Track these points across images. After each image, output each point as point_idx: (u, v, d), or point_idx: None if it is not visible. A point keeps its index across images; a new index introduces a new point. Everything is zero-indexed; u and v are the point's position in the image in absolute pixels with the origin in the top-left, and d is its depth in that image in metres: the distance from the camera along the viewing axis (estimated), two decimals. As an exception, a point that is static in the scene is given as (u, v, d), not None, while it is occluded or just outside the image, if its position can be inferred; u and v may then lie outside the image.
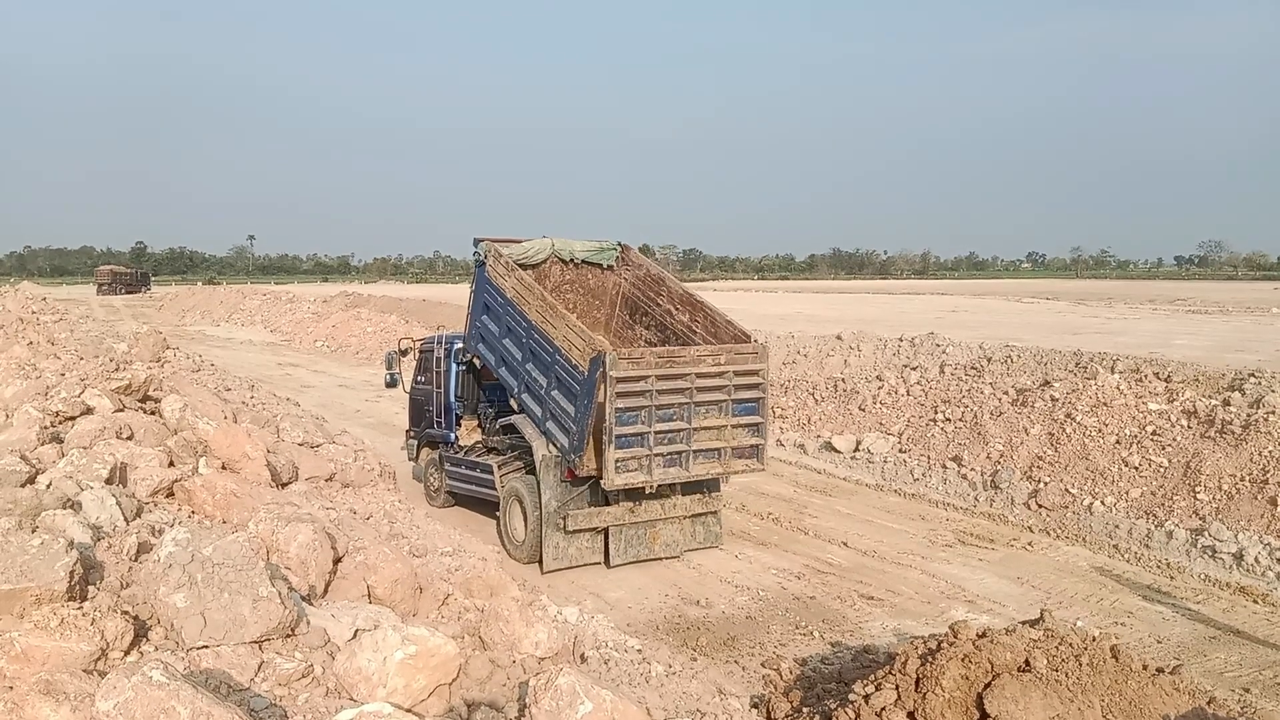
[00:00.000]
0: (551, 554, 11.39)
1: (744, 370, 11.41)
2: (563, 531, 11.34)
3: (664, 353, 11.20)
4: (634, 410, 10.72)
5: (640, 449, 10.85)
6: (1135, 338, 24.93)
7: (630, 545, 11.63)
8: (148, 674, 4.30)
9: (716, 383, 11.21)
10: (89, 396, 11.03)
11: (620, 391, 10.54)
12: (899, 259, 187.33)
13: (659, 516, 11.72)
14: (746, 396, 11.50)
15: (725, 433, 11.38)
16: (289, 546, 7.07)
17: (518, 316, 12.13)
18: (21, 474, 7.81)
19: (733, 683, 8.37)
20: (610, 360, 10.46)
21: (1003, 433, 15.64)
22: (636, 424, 10.77)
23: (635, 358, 10.81)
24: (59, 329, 30.12)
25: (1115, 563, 11.99)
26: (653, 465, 10.95)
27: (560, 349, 11.24)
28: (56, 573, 5.26)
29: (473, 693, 6.00)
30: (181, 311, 67.23)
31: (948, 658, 6.06)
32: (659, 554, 11.82)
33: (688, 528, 12.09)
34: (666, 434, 11.00)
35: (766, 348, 11.96)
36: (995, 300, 52.55)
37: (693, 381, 11.01)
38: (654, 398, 10.79)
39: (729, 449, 11.43)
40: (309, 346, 41.79)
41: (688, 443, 11.13)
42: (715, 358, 11.26)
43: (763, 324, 28.65)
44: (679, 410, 11.02)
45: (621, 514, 11.52)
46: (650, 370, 10.74)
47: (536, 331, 11.75)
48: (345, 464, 13.58)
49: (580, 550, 11.52)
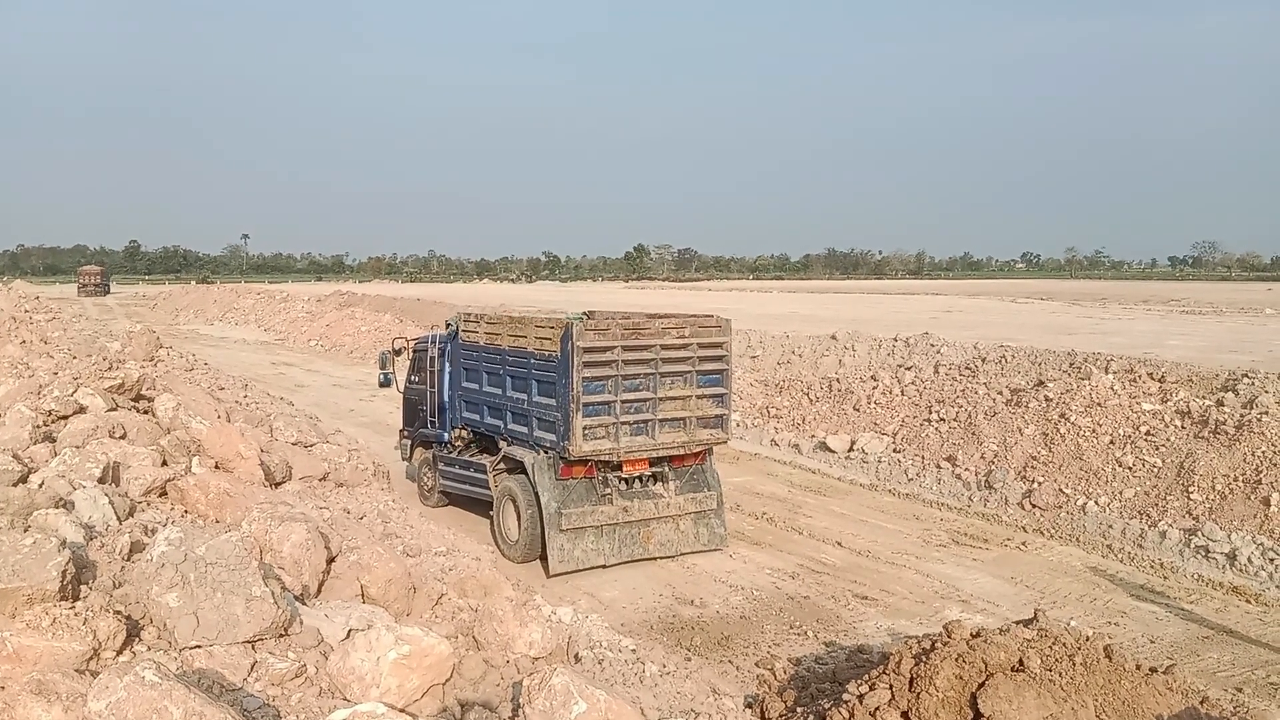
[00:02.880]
0: (557, 556, 11.36)
1: (708, 343, 11.78)
2: (566, 533, 11.35)
3: (629, 324, 11.62)
4: (600, 380, 11.07)
5: (607, 417, 11.16)
6: (1129, 338, 24.97)
7: (624, 545, 11.67)
8: (140, 674, 4.28)
9: (681, 354, 11.56)
10: (82, 395, 11.01)
11: (587, 361, 10.92)
12: (894, 259, 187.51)
13: (652, 515, 11.79)
14: (711, 368, 11.82)
15: (690, 403, 11.67)
16: (282, 546, 7.06)
17: (494, 354, 12.64)
18: (14, 473, 7.79)
19: (727, 683, 8.37)
20: (577, 331, 10.91)
21: (997, 433, 15.67)
22: (603, 393, 11.11)
23: (601, 329, 11.24)
24: (52, 328, 30.05)
25: (1109, 563, 12.01)
26: (619, 434, 11.25)
27: (534, 352, 11.68)
28: (49, 572, 5.24)
29: (466, 693, 5.99)
30: (175, 310, 67.11)
31: (942, 657, 6.05)
32: (653, 554, 11.85)
33: (688, 529, 12.07)
34: (633, 404, 11.32)
35: (730, 322, 12.23)
36: (989, 300, 52.57)
37: (658, 353, 11.37)
38: (620, 368, 11.15)
39: (694, 419, 11.71)
40: (303, 346, 41.74)
41: (654, 412, 11.43)
42: (680, 330, 11.65)
43: (758, 324, 28.68)
44: (645, 381, 11.36)
45: (615, 513, 11.57)
46: (616, 341, 11.14)
47: (512, 355, 12.22)
48: (339, 463, 13.56)
49: (586, 553, 11.49)
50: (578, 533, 11.41)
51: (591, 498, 11.56)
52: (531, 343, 11.77)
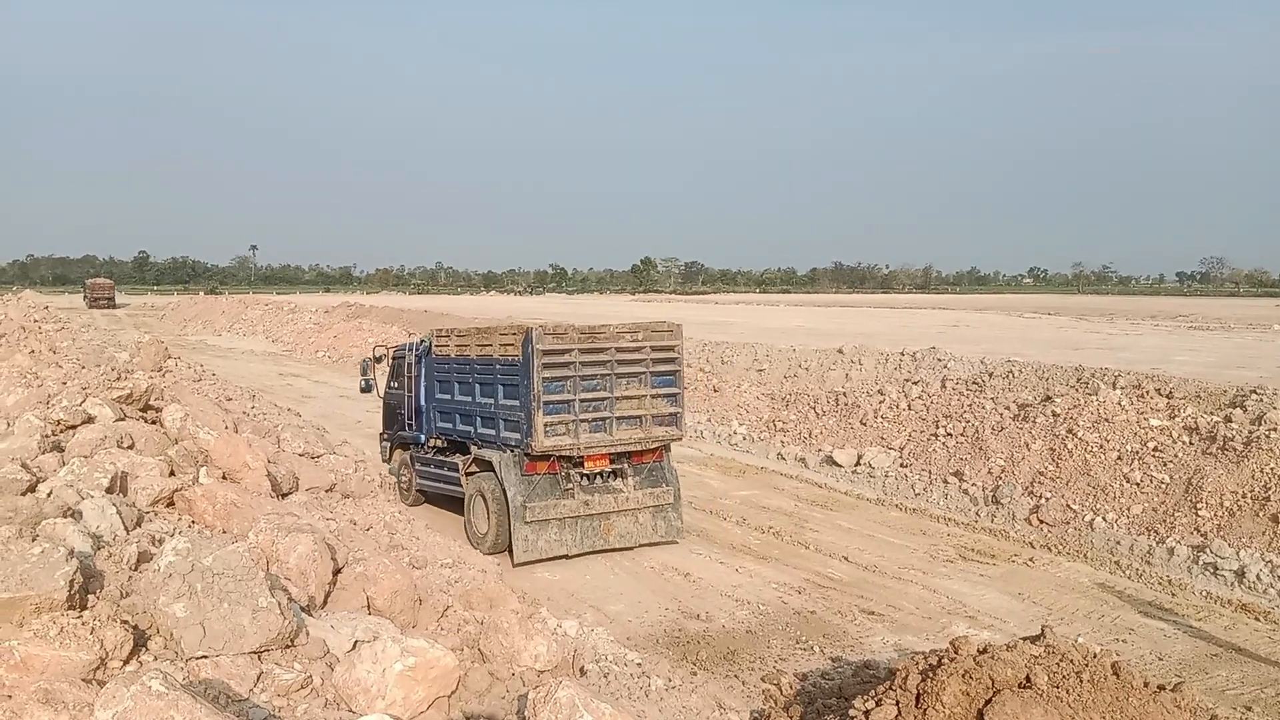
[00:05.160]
0: (521, 547, 12.02)
1: (660, 346, 12.65)
2: (531, 525, 12.03)
3: (586, 330, 12.40)
4: (560, 380, 11.89)
5: (566, 415, 11.95)
6: (1137, 353, 24.89)
7: (586, 536, 12.37)
8: (147, 683, 4.29)
9: (635, 357, 12.43)
10: (90, 405, 11.05)
11: (546, 363, 11.76)
12: (901, 273, 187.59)
13: (612, 509, 12.51)
14: (664, 370, 12.69)
15: (645, 402, 12.53)
16: (289, 557, 7.07)
17: (464, 365, 13.45)
18: (22, 482, 7.82)
19: (732, 697, 8.34)
20: (536, 335, 11.79)
21: (1004, 448, 15.63)
22: (562, 392, 11.92)
23: (559, 333, 12.11)
24: (61, 337, 30.16)
25: (1116, 579, 11.96)
26: (579, 431, 12.04)
27: (499, 358, 12.52)
28: (56, 581, 5.26)
29: (472, 705, 5.98)
30: (183, 321, 67.32)
31: (948, 674, 6.03)
32: (614, 544, 12.52)
33: (646, 522, 12.81)
34: (591, 402, 12.13)
35: (680, 327, 13.12)
36: (997, 315, 52.49)
37: (614, 355, 12.23)
38: (578, 369, 11.97)
39: (649, 417, 12.55)
40: (310, 357, 41.83)
41: (611, 411, 12.25)
42: (634, 335, 12.53)
43: (764, 337, 28.68)
44: (602, 381, 12.19)
45: (577, 506, 12.28)
46: (574, 345, 12.00)
47: (478, 364, 13.05)
48: (346, 475, 13.58)
49: (549, 543, 12.18)
50: (542, 525, 12.10)
51: (555, 492, 12.25)
52: (496, 350, 12.60)
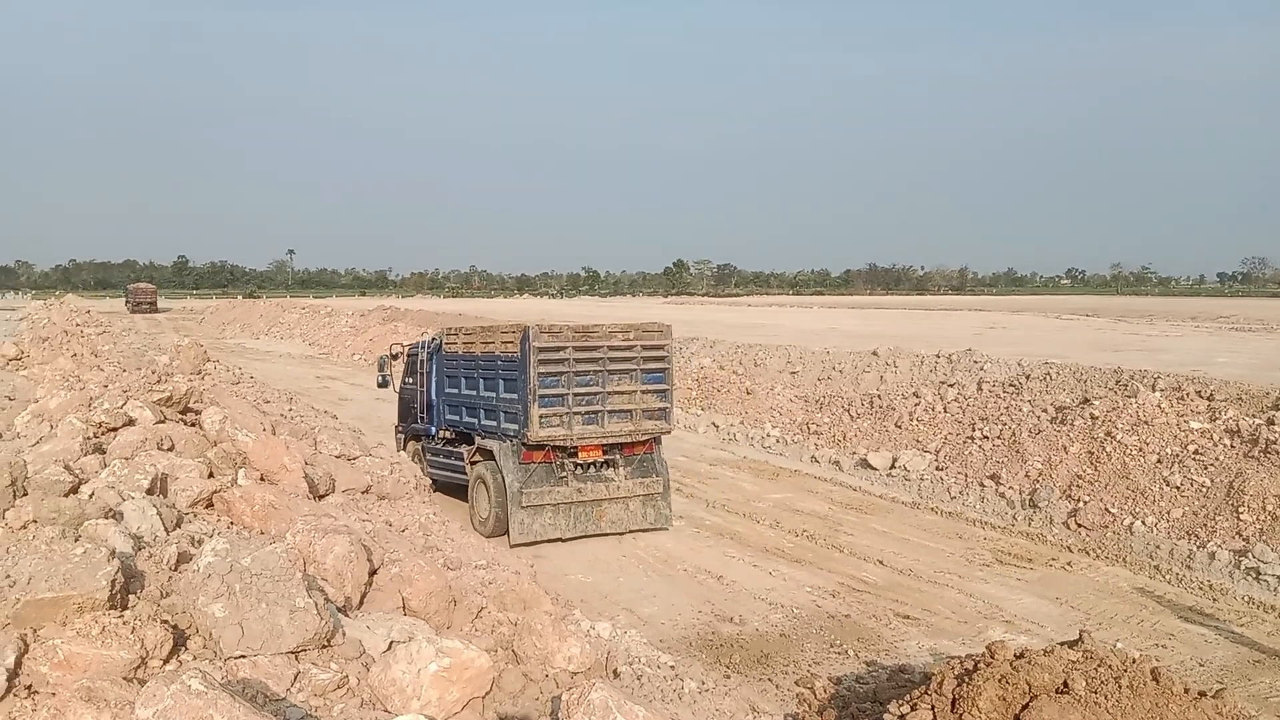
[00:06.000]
0: (517, 529, 12.83)
1: (650, 345, 13.41)
2: (527, 509, 12.81)
3: (579, 328, 13.21)
4: (554, 375, 12.69)
5: (560, 408, 12.76)
6: (1177, 355, 24.53)
7: (579, 521, 13.20)
8: (186, 682, 4.35)
9: (626, 355, 13.19)
10: (131, 408, 11.19)
11: (541, 359, 12.56)
12: (936, 274, 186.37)
13: (604, 497, 13.30)
14: (653, 367, 13.44)
15: (635, 397, 13.28)
16: (325, 558, 7.13)
17: (470, 360, 14.31)
18: (65, 483, 7.93)
19: (766, 701, 8.32)
20: (533, 333, 12.62)
21: (1041, 451, 15.47)
22: (557, 387, 12.73)
23: (554, 331, 12.91)
24: (102, 341, 30.60)
25: (1156, 584, 11.80)
26: (572, 422, 12.85)
27: (500, 354, 13.37)
28: (98, 581, 5.34)
29: (505, 706, 6.00)
30: (222, 324, 68.09)
31: (985, 678, 5.98)
32: (605, 530, 13.33)
33: (636, 509, 13.58)
34: (584, 396, 12.92)
35: (670, 327, 13.86)
36: (1034, 317, 51.95)
37: (606, 353, 13.01)
38: (572, 365, 12.76)
39: (639, 411, 13.30)
40: (346, 360, 42.18)
41: (603, 405, 13.03)
42: (625, 334, 13.33)
43: (798, 339, 28.57)
44: (594, 377, 12.96)
45: (570, 493, 13.09)
46: (568, 343, 12.79)
47: (482, 359, 13.91)
48: (381, 476, 13.68)
49: (544, 527, 12.99)
50: (537, 509, 12.91)
51: (550, 480, 13.03)
52: (498, 347, 13.47)
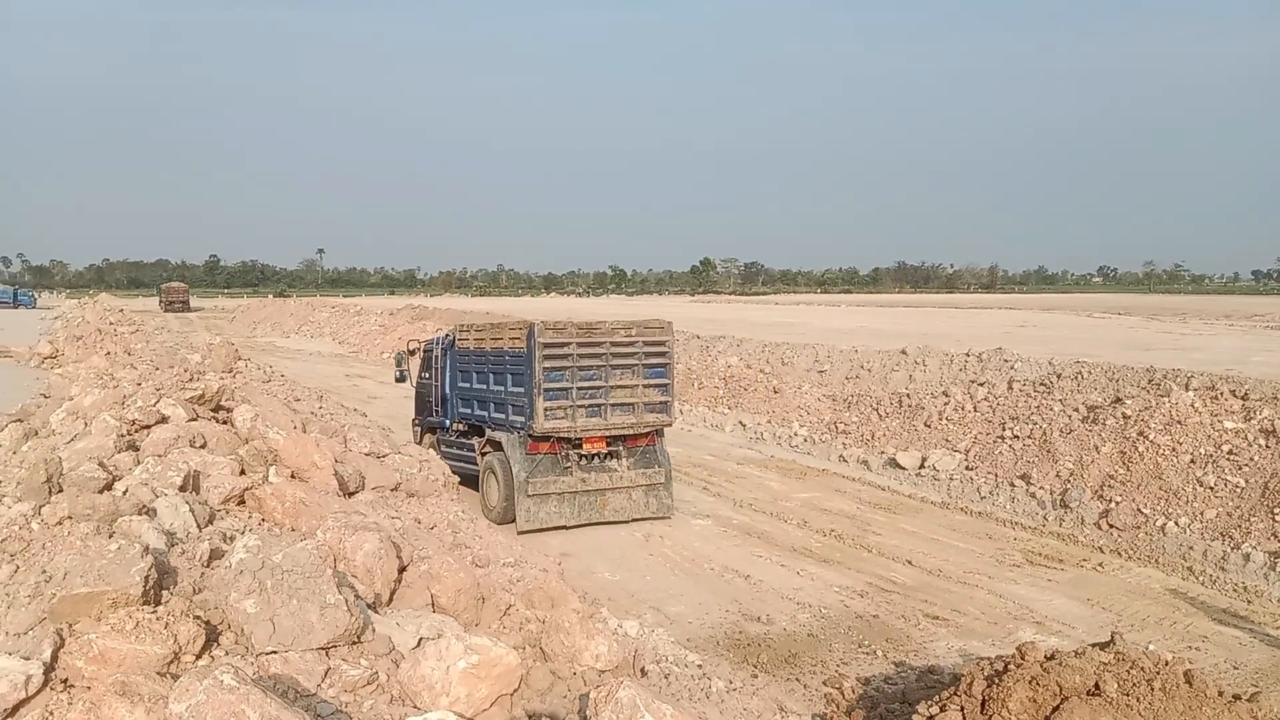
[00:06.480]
0: (524, 516, 13.35)
1: (652, 341, 13.86)
2: (533, 498, 13.33)
3: (584, 325, 13.69)
4: (559, 370, 13.18)
5: (565, 401, 13.25)
6: (1211, 354, 24.22)
7: (583, 510, 13.70)
8: (219, 678, 4.39)
9: (629, 351, 13.65)
10: (164, 406, 11.31)
11: (547, 354, 13.07)
12: (965, 272, 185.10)
13: (607, 486, 13.79)
14: (655, 363, 13.94)
15: (637, 391, 13.75)
16: (355, 555, 7.18)
17: (482, 356, 14.86)
18: (99, 480, 8.03)
19: (794, 701, 8.30)
20: (538, 329, 13.16)
21: (1073, 451, 15.34)
22: (561, 381, 13.22)
23: (559, 328, 13.42)
24: (135, 339, 30.96)
25: (1189, 585, 11.67)
26: (576, 415, 13.34)
27: (509, 350, 13.91)
28: (132, 577, 5.40)
29: (534, 704, 6.02)
30: (253, 323, 68.68)
31: (1015, 680, 5.94)
32: (609, 518, 13.82)
33: (639, 499, 14.06)
34: (588, 390, 13.40)
35: (671, 325, 14.34)
36: (1065, 315, 51.43)
37: (609, 349, 13.48)
38: (576, 360, 13.25)
39: (641, 404, 13.77)
40: (376, 358, 42.43)
41: (606, 398, 13.50)
42: (627, 331, 13.79)
43: (825, 338, 28.45)
44: (598, 372, 13.45)
45: (575, 483, 13.57)
46: (572, 339, 13.30)
47: (492, 355, 14.50)
48: (410, 474, 13.76)
49: (549, 514, 13.50)
50: (542, 498, 13.44)
51: (555, 470, 13.53)
52: (506, 343, 14.03)
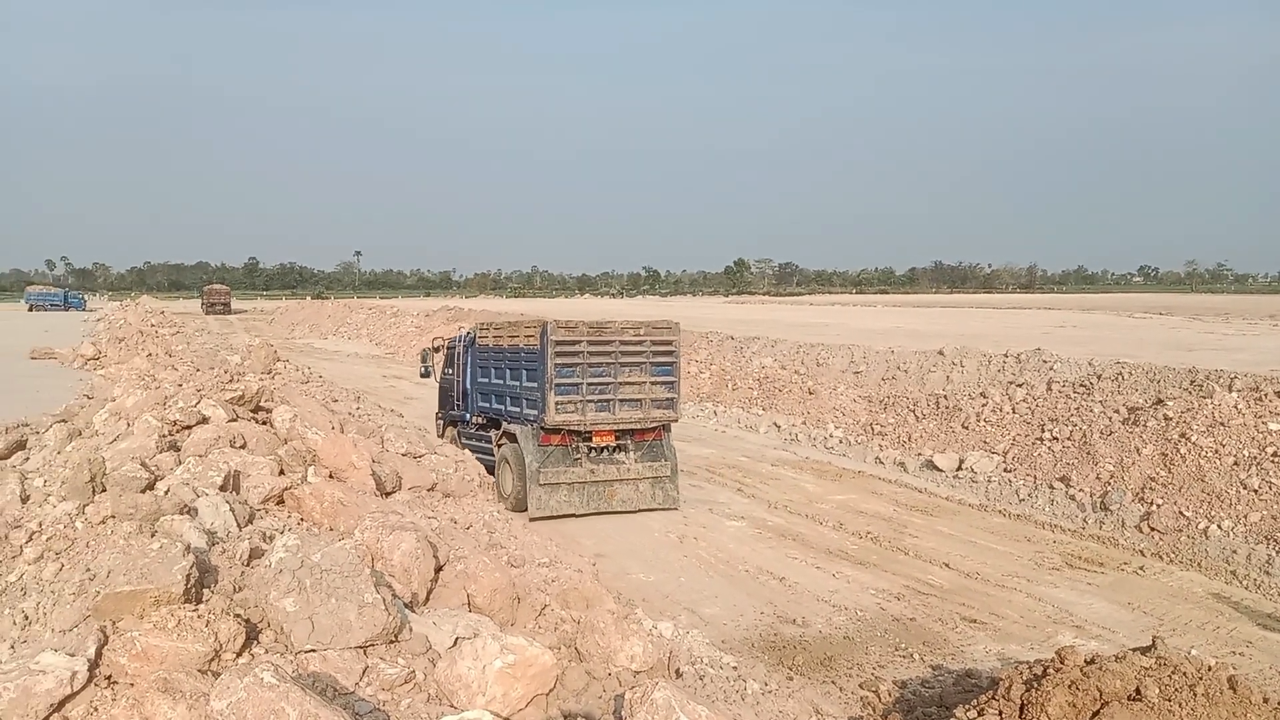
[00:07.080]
0: (535, 504, 13.88)
1: (659, 340, 14.43)
2: (544, 487, 13.89)
3: (594, 324, 14.25)
4: (570, 366, 13.80)
5: (575, 396, 13.86)
6: (1254, 354, 23.82)
7: (591, 500, 14.27)
8: (259, 675, 4.45)
9: (637, 349, 14.21)
10: (204, 406, 11.47)
11: (558, 351, 13.68)
12: (1004, 272, 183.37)
13: (615, 478, 14.36)
14: (662, 361, 14.44)
15: (645, 388, 14.30)
16: (393, 554, 7.24)
17: (499, 353, 15.52)
18: (141, 480, 8.15)
19: (830, 703, 8.26)
20: (551, 328, 13.78)
21: (1113, 453, 15.14)
22: (572, 377, 13.83)
23: (570, 326, 14.00)
24: (176, 341, 31.38)
25: (1233, 589, 11.48)
26: (585, 410, 13.94)
27: (524, 347, 14.51)
28: (174, 575, 5.48)
29: (569, 704, 6.04)
30: (291, 325, 69.42)
31: (1054, 684, 5.88)
32: (616, 509, 14.35)
33: (645, 490, 14.59)
34: (597, 386, 13.98)
35: (678, 324, 14.90)
36: (1105, 315, 50.80)
37: (618, 347, 14.05)
38: (586, 358, 13.86)
39: (648, 400, 14.32)
40: (412, 359, 42.61)
41: (615, 394, 14.06)
42: (636, 330, 14.39)
43: (861, 339, 28.29)
44: (607, 369, 14.04)
45: (584, 473, 14.16)
46: (582, 337, 13.88)
47: (509, 352, 15.10)
48: (446, 474, 13.88)
49: (559, 503, 14.06)
50: (553, 487, 14.00)
51: (566, 461, 14.14)
52: (522, 340, 14.61)
